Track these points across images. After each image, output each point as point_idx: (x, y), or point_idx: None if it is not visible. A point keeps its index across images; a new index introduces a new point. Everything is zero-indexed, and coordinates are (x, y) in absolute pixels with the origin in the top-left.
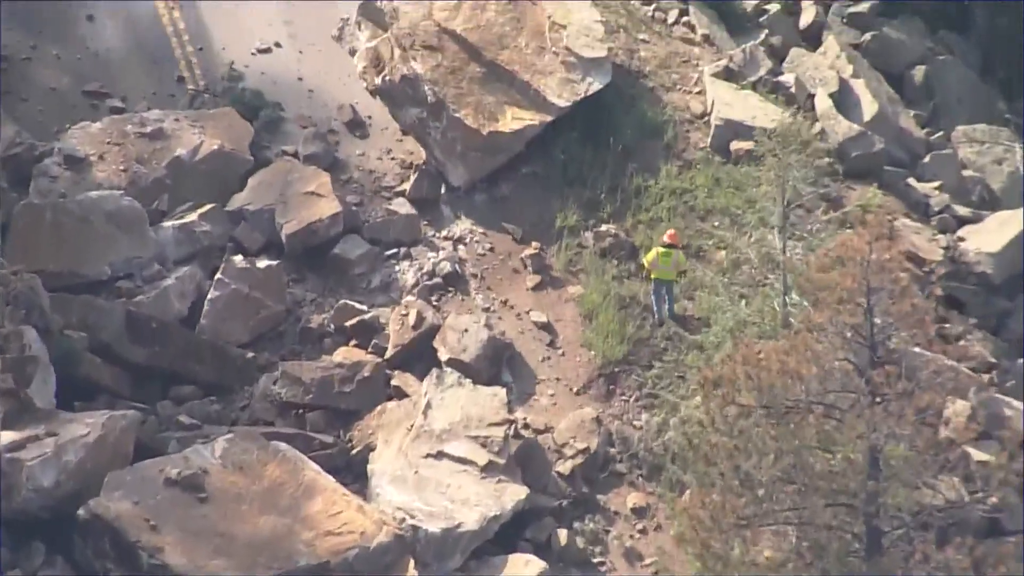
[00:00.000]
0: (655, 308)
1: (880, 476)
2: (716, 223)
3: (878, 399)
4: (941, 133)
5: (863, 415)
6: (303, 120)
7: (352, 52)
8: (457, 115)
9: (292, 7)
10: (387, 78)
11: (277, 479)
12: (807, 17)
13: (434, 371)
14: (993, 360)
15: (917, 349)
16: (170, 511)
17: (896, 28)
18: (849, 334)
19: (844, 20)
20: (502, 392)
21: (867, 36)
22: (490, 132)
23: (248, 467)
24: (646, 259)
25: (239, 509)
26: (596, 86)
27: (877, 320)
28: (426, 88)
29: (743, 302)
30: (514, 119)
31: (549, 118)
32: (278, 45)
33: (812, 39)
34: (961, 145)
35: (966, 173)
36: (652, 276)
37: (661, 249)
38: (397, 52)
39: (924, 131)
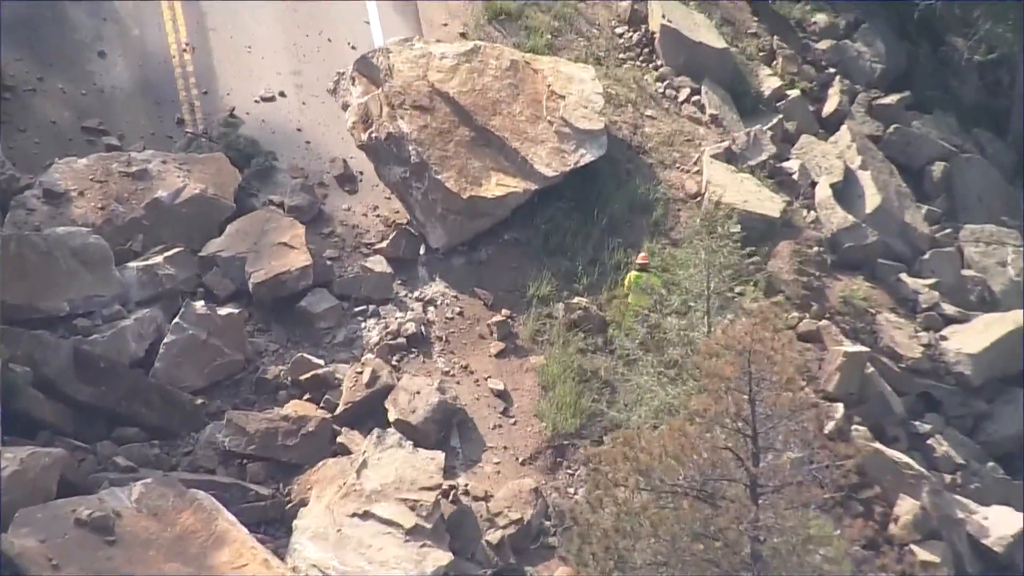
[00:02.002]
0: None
1: (759, 568)
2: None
3: (759, 490)
4: (948, 231)
5: (737, 502)
6: (295, 171)
7: (345, 106)
8: (439, 177)
9: (304, 59)
10: (373, 135)
11: (190, 527)
12: (831, 105)
13: (376, 431)
14: (961, 461)
15: (877, 446)
16: (75, 552)
17: (926, 123)
18: (740, 424)
19: (869, 111)
20: (440, 456)
21: (890, 128)
22: (471, 196)
23: (162, 513)
24: (624, 285)
25: (145, 554)
26: (588, 158)
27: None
28: (411, 148)
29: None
30: (498, 185)
31: (535, 187)
32: (283, 95)
33: (833, 127)
34: (967, 244)
35: (967, 272)
36: (631, 303)
37: (634, 273)
38: (386, 110)
39: (932, 227)
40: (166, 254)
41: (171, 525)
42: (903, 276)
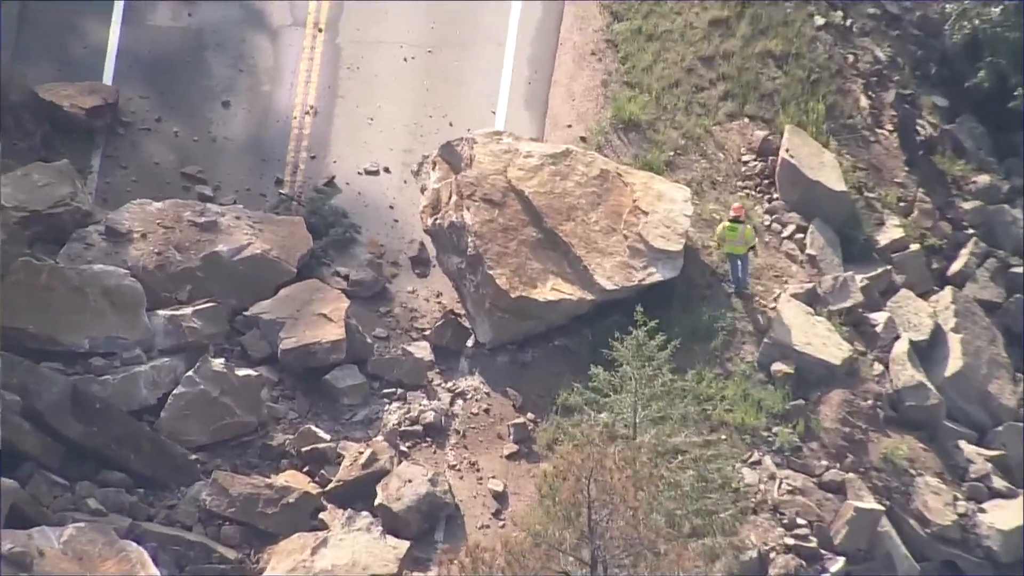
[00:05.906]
0: (732, 279)
1: None
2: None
3: None
4: None
5: None
6: (373, 246)
7: (422, 189)
8: (491, 272)
9: (420, 138)
10: (438, 221)
11: None
12: (958, 265)
13: (348, 511)
14: None
15: None
16: None
17: None
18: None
19: (1001, 276)
20: (403, 547)
21: (1012, 298)
22: (519, 296)
23: (87, 559)
24: (715, 234)
25: None
26: (657, 277)
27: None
28: (469, 239)
29: None
30: (552, 290)
31: (591, 297)
32: (387, 170)
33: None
34: None
35: None
36: (725, 250)
37: (727, 223)
38: (454, 198)
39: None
40: (196, 307)
41: (92, 571)
42: (961, 443)
